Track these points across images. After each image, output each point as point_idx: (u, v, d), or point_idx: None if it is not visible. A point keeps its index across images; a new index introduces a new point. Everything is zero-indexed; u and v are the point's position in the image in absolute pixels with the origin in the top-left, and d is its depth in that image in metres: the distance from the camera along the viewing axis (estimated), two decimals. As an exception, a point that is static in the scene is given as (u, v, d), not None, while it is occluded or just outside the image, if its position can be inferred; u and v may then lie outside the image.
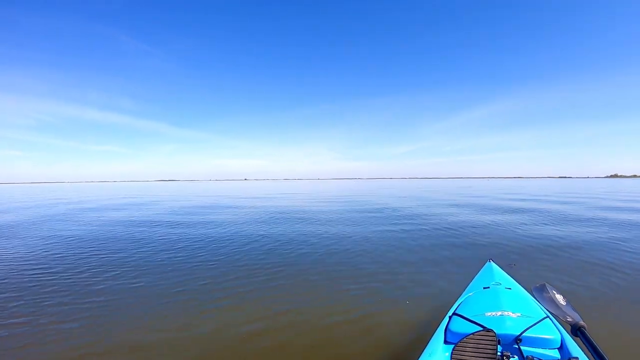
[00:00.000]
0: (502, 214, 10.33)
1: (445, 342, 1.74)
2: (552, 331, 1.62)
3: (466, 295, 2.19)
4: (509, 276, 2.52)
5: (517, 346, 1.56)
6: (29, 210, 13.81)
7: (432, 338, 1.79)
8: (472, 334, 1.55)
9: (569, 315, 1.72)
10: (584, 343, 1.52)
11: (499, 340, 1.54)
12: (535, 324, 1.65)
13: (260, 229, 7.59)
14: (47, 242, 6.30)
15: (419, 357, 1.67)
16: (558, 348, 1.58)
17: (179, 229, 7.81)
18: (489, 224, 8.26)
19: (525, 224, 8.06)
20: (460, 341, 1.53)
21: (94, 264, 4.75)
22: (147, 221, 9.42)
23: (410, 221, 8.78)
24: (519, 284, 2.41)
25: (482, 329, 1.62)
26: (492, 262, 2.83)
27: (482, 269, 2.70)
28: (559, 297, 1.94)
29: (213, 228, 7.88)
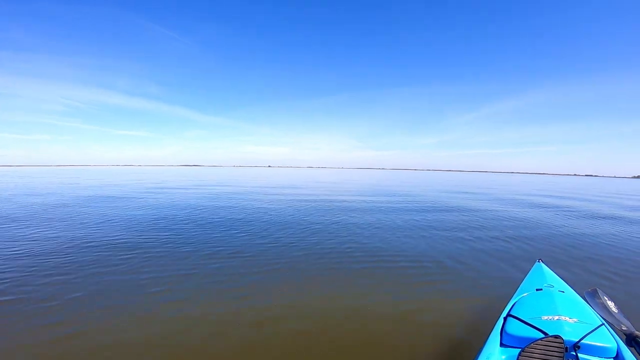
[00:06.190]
0: (543, 212, 10.28)
1: (502, 344, 1.70)
2: (608, 339, 1.60)
3: (519, 296, 2.19)
4: (559, 278, 2.54)
5: (574, 353, 1.52)
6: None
7: (488, 340, 1.75)
8: (540, 339, 1.52)
9: (623, 324, 1.75)
10: (639, 353, 1.55)
11: (566, 347, 1.50)
12: (592, 330, 1.61)
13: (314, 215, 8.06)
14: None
15: (474, 358, 1.64)
16: (613, 357, 1.55)
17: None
18: (531, 221, 8.30)
19: (569, 224, 7.97)
20: (527, 347, 1.50)
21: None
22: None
23: (451, 216, 8.76)
24: (570, 287, 2.39)
25: (541, 333, 1.61)
26: (541, 262, 2.87)
27: (532, 269, 2.75)
28: (611, 304, 1.97)
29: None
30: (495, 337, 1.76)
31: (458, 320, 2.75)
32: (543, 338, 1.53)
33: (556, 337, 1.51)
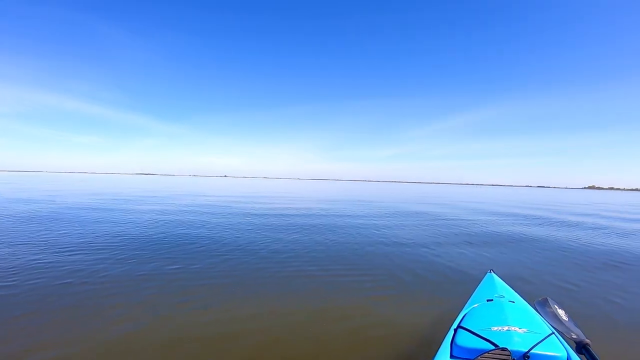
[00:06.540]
0: (495, 222, 10.05)
1: (452, 356, 1.69)
2: (558, 348, 1.59)
3: (470, 308, 2.14)
4: (510, 288, 2.51)
5: None
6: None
7: (438, 352, 1.72)
8: (488, 352, 1.52)
9: (573, 332, 1.72)
10: None
11: (514, 359, 1.51)
12: (542, 340, 1.61)
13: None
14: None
15: None
16: None
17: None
18: (484, 231, 8.10)
19: (522, 232, 7.98)
20: (476, 358, 1.51)
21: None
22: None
23: (405, 227, 8.25)
24: (521, 296, 2.37)
25: (490, 344, 1.59)
26: (492, 272, 2.82)
27: (483, 280, 2.69)
28: (562, 312, 1.94)
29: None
30: (445, 349, 1.75)
31: (409, 333, 2.74)
32: (492, 350, 1.55)
33: (503, 349, 1.53)
